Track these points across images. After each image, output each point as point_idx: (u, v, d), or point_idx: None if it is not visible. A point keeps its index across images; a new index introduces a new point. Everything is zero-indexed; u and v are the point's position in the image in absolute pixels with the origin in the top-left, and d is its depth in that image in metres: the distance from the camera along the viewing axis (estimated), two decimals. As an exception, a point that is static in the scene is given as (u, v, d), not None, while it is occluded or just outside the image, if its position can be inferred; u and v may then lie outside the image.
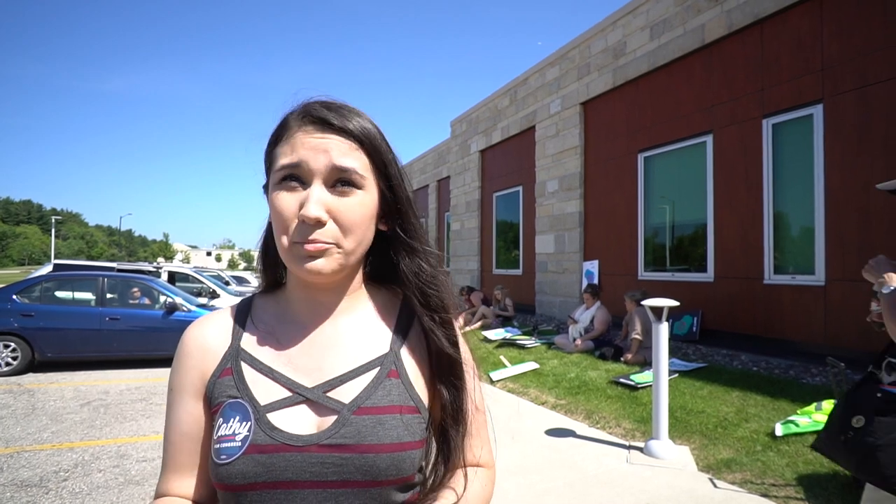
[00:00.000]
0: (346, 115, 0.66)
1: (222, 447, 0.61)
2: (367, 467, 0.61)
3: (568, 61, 9.39)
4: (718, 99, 6.59)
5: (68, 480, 3.39)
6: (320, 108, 0.66)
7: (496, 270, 12.31)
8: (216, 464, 0.61)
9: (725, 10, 6.38)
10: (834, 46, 5.34)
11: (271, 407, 0.64)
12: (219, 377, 0.67)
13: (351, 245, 0.65)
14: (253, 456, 0.60)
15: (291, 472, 0.60)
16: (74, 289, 7.62)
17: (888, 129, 4.89)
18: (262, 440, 0.61)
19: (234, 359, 0.68)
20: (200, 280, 13.38)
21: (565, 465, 3.61)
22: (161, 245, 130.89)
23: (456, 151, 14.24)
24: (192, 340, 0.71)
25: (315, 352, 0.69)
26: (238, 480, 0.60)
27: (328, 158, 0.63)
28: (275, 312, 0.73)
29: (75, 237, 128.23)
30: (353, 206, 0.65)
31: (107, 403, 5.31)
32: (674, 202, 7.47)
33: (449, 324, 0.73)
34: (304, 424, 0.63)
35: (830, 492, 2.94)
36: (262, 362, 0.68)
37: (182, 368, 0.70)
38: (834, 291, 5.28)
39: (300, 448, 0.61)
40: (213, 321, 0.73)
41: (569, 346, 6.83)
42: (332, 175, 0.64)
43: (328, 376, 0.67)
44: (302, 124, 0.65)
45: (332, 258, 0.64)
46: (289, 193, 0.63)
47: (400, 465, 0.63)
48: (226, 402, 0.65)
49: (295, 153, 0.64)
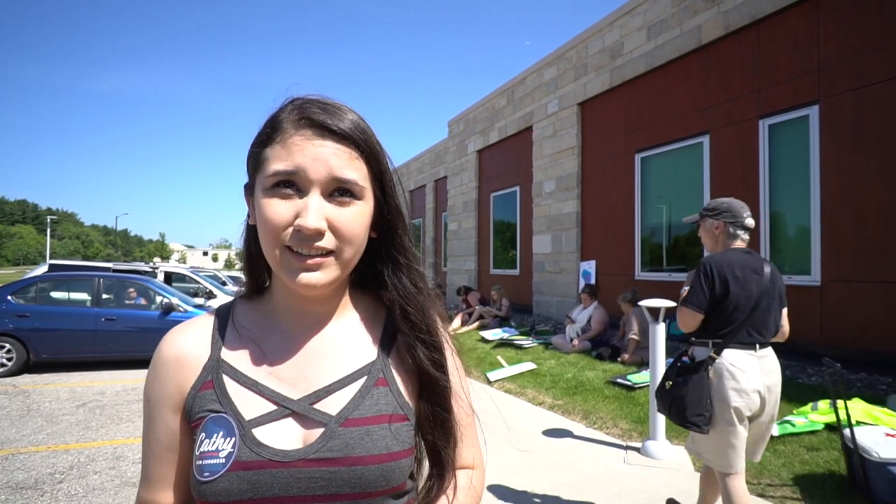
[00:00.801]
0: (344, 118, 0.63)
1: (205, 464, 0.59)
2: (355, 480, 0.60)
3: (565, 61, 9.39)
4: (715, 99, 6.60)
5: (64, 482, 3.37)
6: (318, 110, 0.62)
7: (493, 270, 12.31)
8: (199, 481, 0.59)
9: (722, 10, 6.39)
10: (830, 48, 5.36)
11: (257, 422, 0.62)
12: (199, 391, 0.65)
13: (348, 255, 0.63)
14: (238, 473, 0.58)
15: (278, 489, 0.59)
16: (70, 289, 7.57)
17: (884, 129, 4.91)
18: (248, 457, 0.59)
19: (214, 371, 0.66)
20: (197, 280, 13.34)
21: (563, 465, 3.62)
22: (157, 245, 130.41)
23: (453, 151, 14.24)
24: (170, 351, 0.68)
25: (301, 362, 0.67)
26: (222, 498, 0.58)
27: (328, 169, 0.60)
28: (257, 320, 0.70)
29: (71, 237, 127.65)
30: (353, 216, 0.63)
31: (102, 405, 5.29)
32: (671, 202, 7.48)
33: (431, 345, 0.70)
34: (290, 439, 0.62)
35: (826, 492, 2.95)
36: (246, 375, 0.65)
37: (158, 380, 0.67)
38: (830, 292, 5.30)
39: (286, 464, 0.59)
40: (190, 330, 0.70)
41: (566, 347, 6.83)
42: (330, 185, 0.61)
43: (314, 387, 0.65)
44: (298, 127, 0.61)
45: (329, 270, 0.62)
46: (283, 201, 0.60)
47: (389, 475, 0.62)
48: (208, 417, 0.62)
49: (291, 159, 0.60)
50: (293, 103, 0.64)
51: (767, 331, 2.32)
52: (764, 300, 2.27)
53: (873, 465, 2.71)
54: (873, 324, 4.93)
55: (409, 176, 18.93)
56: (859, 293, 5.06)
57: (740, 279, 2.24)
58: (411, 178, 18.67)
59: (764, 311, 2.28)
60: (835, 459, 3.24)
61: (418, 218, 18.19)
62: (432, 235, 16.92)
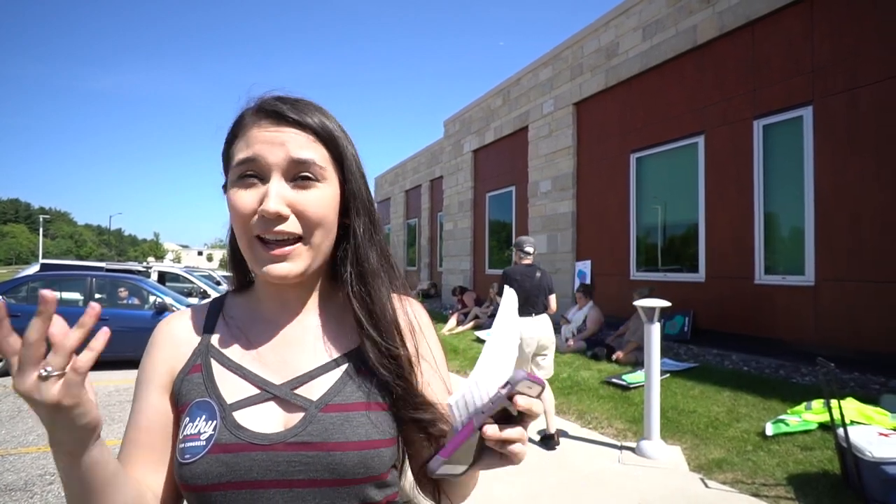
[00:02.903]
0: (301, 108, 0.65)
1: (187, 446, 0.60)
2: (334, 465, 0.60)
3: (561, 62, 9.40)
4: (710, 100, 6.62)
5: (54, 484, 3.33)
6: (274, 101, 0.65)
7: (489, 270, 12.30)
8: (180, 463, 0.60)
9: (717, 11, 6.41)
10: (824, 48, 5.39)
11: (238, 405, 0.63)
12: (187, 374, 0.66)
13: (317, 240, 0.64)
14: (217, 455, 0.59)
15: (256, 472, 0.59)
16: (62, 289, 7.50)
17: (877, 130, 4.94)
18: (227, 439, 0.60)
19: (203, 355, 0.68)
20: (191, 280, 13.27)
21: (558, 465, 3.61)
22: (152, 244, 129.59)
23: (449, 151, 14.22)
24: (164, 333, 0.70)
25: (284, 349, 0.68)
26: (201, 480, 0.58)
27: (285, 151, 0.62)
28: (245, 310, 0.73)
29: (64, 236, 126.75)
30: (315, 199, 0.63)
31: (94, 405, 5.24)
32: (666, 203, 7.50)
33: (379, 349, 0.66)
34: (270, 422, 0.62)
35: (820, 491, 2.96)
36: (232, 359, 0.67)
37: (151, 361, 0.69)
38: (824, 292, 5.32)
39: (265, 447, 0.60)
40: (185, 317, 0.73)
41: (561, 346, 6.83)
42: (290, 168, 0.63)
43: (297, 373, 0.66)
44: (256, 119, 0.64)
45: (299, 259, 0.63)
46: (246, 190, 0.63)
47: (368, 463, 0.61)
48: (193, 401, 0.64)
49: (250, 148, 0.63)
50: (255, 100, 0.67)
51: (536, 308, 4.12)
52: (534, 291, 4.12)
53: (867, 464, 2.72)
54: (866, 324, 4.96)
55: (404, 176, 18.90)
56: (853, 293, 5.08)
57: (519, 280, 4.10)
58: (407, 178, 18.65)
59: (534, 297, 4.11)
60: (828, 459, 3.25)
61: (414, 218, 18.17)
62: (428, 235, 16.90)
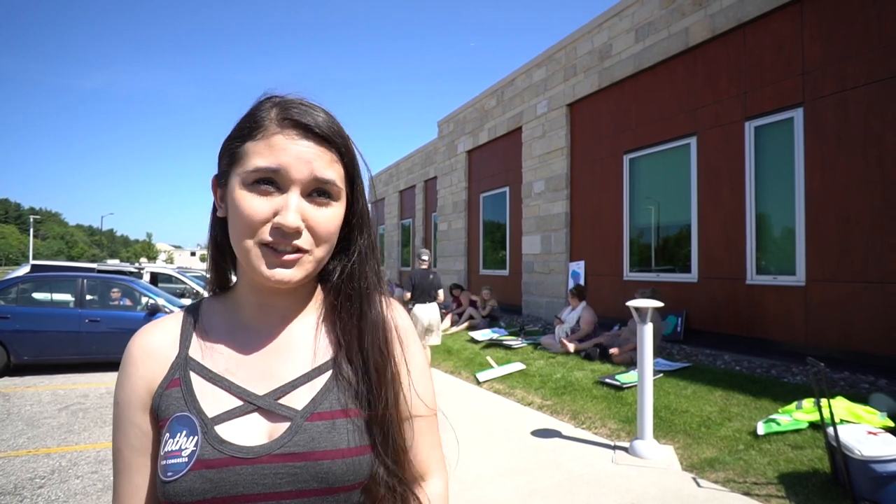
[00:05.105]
0: (326, 122, 0.65)
1: (168, 464, 0.58)
2: (323, 474, 0.59)
3: (554, 63, 9.43)
4: (702, 102, 6.67)
5: (44, 487, 3.30)
6: (301, 111, 0.63)
7: (483, 271, 12.32)
8: (162, 482, 0.58)
9: (709, 13, 6.46)
10: (815, 51, 5.44)
11: (220, 418, 0.61)
12: (165, 389, 0.64)
13: (322, 254, 0.65)
14: (200, 472, 0.57)
15: (242, 486, 0.58)
16: (52, 290, 7.44)
17: (867, 132, 4.99)
18: (210, 454, 0.58)
19: (182, 368, 0.65)
20: (183, 281, 13.19)
21: (552, 465, 3.62)
22: (144, 245, 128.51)
23: (443, 152, 14.23)
24: (139, 349, 0.67)
25: (266, 357, 0.67)
26: (185, 498, 0.57)
27: (311, 170, 0.62)
28: (224, 318, 0.70)
29: (55, 237, 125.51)
30: (329, 217, 0.64)
31: (86, 407, 5.20)
32: (659, 203, 7.54)
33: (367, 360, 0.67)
34: (255, 434, 0.61)
35: (810, 489, 2.99)
36: (212, 371, 0.65)
37: (128, 380, 0.66)
38: (814, 292, 5.37)
39: (251, 460, 0.59)
40: (159, 328, 0.70)
41: (555, 347, 6.85)
42: (310, 185, 0.63)
43: (280, 382, 0.65)
44: (282, 126, 0.62)
45: (302, 267, 0.63)
46: (262, 197, 0.61)
47: (357, 469, 0.61)
48: (173, 416, 0.62)
49: (274, 157, 0.61)
50: (272, 100, 0.65)
51: (430, 298, 6.32)
52: (428, 287, 6.34)
53: (856, 462, 2.75)
54: (856, 323, 5.01)
55: (398, 176, 18.88)
56: (843, 293, 5.13)
57: (416, 279, 6.31)
58: (401, 179, 18.63)
59: (428, 291, 6.33)
60: (819, 457, 3.28)
61: (408, 218, 18.15)
62: (422, 236, 16.89)
